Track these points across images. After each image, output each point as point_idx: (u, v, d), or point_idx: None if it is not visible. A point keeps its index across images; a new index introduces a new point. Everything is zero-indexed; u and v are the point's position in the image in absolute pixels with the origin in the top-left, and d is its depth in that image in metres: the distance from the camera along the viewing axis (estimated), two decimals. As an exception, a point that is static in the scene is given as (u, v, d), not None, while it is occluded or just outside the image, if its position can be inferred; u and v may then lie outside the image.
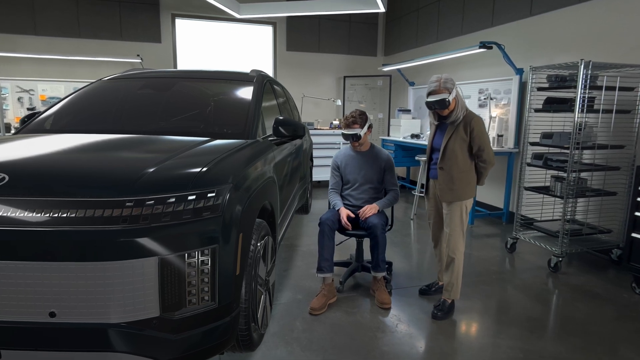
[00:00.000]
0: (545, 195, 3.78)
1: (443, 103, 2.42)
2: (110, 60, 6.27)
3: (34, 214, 1.44)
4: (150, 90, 2.83)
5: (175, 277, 1.52)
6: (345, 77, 7.53)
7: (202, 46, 7.00)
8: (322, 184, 6.99)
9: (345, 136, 2.84)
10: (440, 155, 2.52)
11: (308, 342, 2.23)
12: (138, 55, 6.33)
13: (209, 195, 1.64)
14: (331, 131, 6.67)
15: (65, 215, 1.45)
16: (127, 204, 1.49)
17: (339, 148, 6.69)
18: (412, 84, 6.71)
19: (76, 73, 6.27)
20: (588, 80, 3.09)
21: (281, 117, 2.75)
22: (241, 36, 7.19)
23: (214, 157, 1.86)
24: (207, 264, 1.60)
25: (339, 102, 7.02)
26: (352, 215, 2.79)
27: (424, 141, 5.60)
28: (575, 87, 3.24)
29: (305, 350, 2.16)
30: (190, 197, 1.59)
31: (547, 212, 3.91)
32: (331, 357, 2.10)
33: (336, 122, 6.93)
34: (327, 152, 6.64)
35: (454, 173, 2.48)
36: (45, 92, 6.13)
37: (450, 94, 2.41)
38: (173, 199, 1.56)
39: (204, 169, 1.71)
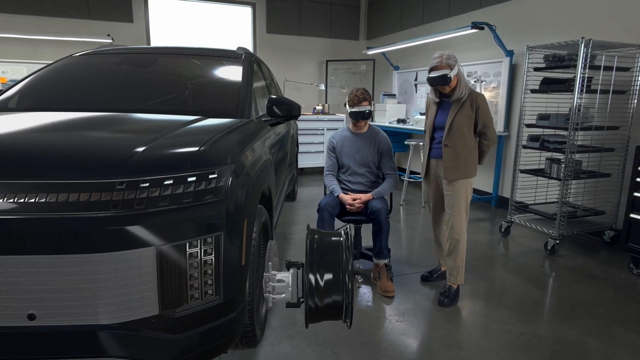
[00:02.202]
0: (539, 178, 3.75)
1: (444, 79, 2.34)
2: (78, 40, 5.84)
3: (6, 199, 1.22)
4: (130, 66, 2.57)
5: (175, 269, 1.33)
6: (327, 61, 7.33)
7: (178, 27, 6.63)
8: (306, 171, 6.81)
9: (355, 114, 2.65)
10: (445, 132, 2.42)
11: (313, 336, 2.08)
12: (109, 35, 5.92)
13: (211, 176, 1.45)
14: (315, 117, 6.48)
15: (44, 200, 1.23)
16: (118, 186, 1.28)
17: (323, 134, 6.52)
18: (396, 68, 6.58)
19: (40, 54, 5.81)
20: (588, 60, 3.04)
21: (274, 96, 2.56)
22: (219, 17, 6.85)
23: (211, 135, 1.66)
24: (211, 254, 1.41)
25: (322, 87, 6.83)
26: (351, 200, 2.64)
27: (411, 126, 5.50)
28: (572, 66, 3.19)
29: (311, 344, 2.01)
30: (190, 179, 1.39)
31: (540, 195, 3.88)
32: (340, 351, 1.96)
33: (319, 108, 6.74)
34: (311, 138, 6.46)
35: (460, 150, 2.40)
36: (6, 75, 5.66)
37: (452, 70, 2.34)
38: (171, 181, 1.36)
39: (203, 148, 1.51)
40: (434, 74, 2.37)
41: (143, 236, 1.27)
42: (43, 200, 1.23)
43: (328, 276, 1.41)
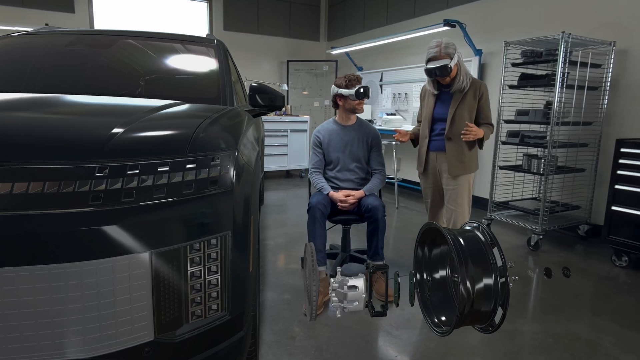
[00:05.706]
0: (516, 174, 3.75)
1: (445, 70, 2.20)
2: (9, 29, 5.16)
3: None
4: (89, 47, 2.19)
5: (174, 280, 1.04)
6: (288, 61, 7.10)
7: (126, 22, 6.10)
8: (270, 175, 6.51)
9: (356, 94, 2.42)
10: (448, 124, 2.28)
11: (317, 351, 1.82)
12: (47, 25, 5.28)
13: (212, 163, 1.17)
14: (278, 117, 6.21)
15: (-9, 192, 0.89)
16: (98, 173, 0.97)
17: (286, 135, 6.27)
18: (360, 69, 6.49)
19: (-38, 44, 5.07)
20: (568, 55, 3.06)
21: (256, 84, 2.30)
22: (173, 13, 6.41)
23: (202, 119, 1.37)
24: (216, 260, 1.13)
25: (285, 87, 6.58)
26: (343, 197, 2.43)
27: (380, 126, 5.40)
28: (549, 61, 3.21)
29: (317, 361, 1.75)
30: (189, 165, 1.11)
31: (516, 191, 3.89)
32: (351, 367, 1.72)
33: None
34: (273, 140, 6.18)
35: (464, 142, 2.27)
36: None
37: (451, 59, 2.21)
38: (166, 167, 1.06)
39: (199, 129, 1.23)
40: (432, 65, 2.23)
41: (134, 238, 0.96)
42: (-10, 192, 0.89)
43: (480, 278, 1.17)
